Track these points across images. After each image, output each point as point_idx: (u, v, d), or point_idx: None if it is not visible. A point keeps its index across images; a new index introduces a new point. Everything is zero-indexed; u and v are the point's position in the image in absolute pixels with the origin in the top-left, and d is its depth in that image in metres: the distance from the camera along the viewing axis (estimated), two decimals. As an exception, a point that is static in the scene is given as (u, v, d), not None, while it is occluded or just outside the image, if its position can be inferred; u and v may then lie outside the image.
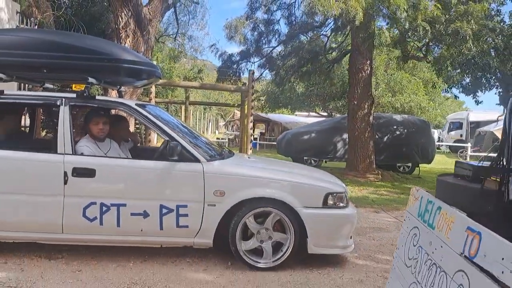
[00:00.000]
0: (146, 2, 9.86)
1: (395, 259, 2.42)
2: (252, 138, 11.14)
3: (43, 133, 6.08)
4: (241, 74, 12.11)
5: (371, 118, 10.38)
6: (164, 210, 3.33)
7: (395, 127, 11.89)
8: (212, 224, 3.38)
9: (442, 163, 14.75)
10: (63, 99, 3.48)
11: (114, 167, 3.42)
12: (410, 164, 11.61)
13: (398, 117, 12.51)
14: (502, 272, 1.39)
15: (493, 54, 9.76)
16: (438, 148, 24.04)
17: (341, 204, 3.51)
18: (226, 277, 3.26)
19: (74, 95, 3.54)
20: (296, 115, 27.19)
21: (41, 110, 4.27)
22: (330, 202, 3.46)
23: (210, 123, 36.68)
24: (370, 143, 10.30)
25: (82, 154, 3.42)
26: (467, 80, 10.60)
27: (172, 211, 3.34)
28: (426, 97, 19.42)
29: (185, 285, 3.08)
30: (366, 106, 10.21)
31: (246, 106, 10.17)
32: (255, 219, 3.44)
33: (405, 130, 11.78)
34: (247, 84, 9.89)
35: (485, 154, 10.30)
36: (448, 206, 1.92)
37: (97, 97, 3.63)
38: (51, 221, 3.30)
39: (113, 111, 4.76)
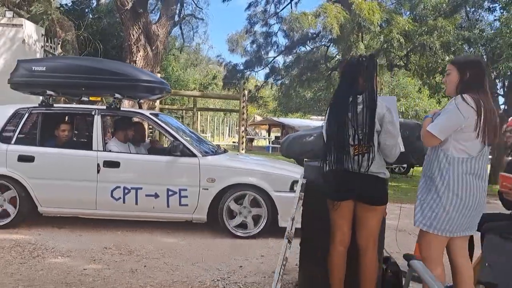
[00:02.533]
0: (155, 20, 11.11)
1: None
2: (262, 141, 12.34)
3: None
4: (245, 82, 13.29)
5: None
6: (170, 192, 4.46)
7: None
8: (206, 203, 4.49)
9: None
10: (96, 110, 4.69)
11: (133, 160, 4.60)
12: (405, 166, 12.48)
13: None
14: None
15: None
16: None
17: (305, 189, 4.57)
18: (187, 241, 4.36)
19: (104, 107, 4.74)
20: (311, 119, 28.01)
21: (81, 118, 5.49)
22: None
23: (228, 128, 37.95)
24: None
25: (110, 151, 4.60)
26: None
27: (176, 193, 4.46)
28: (432, 101, 20.03)
29: (154, 245, 4.16)
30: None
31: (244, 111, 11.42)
32: (238, 200, 4.52)
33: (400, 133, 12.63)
34: (240, 92, 11.01)
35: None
36: (301, 178, 2.91)
37: (121, 108, 4.82)
38: (88, 200, 4.48)
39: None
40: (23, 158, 4.46)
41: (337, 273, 2.59)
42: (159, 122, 4.74)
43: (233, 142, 29.16)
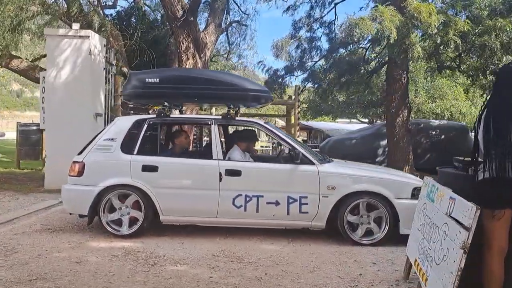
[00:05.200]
0: (203, 28, 11.17)
1: (412, 227, 3.43)
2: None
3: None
4: (286, 87, 13.36)
5: (408, 125, 11.20)
6: (291, 200, 4.47)
7: (433, 132, 12.65)
8: (326, 211, 4.48)
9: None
10: (213, 120, 4.76)
11: (254, 168, 4.65)
12: (450, 167, 12.35)
13: (436, 122, 13.29)
14: (461, 218, 2.42)
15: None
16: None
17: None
18: (287, 248, 4.38)
19: (220, 117, 4.81)
20: (337, 122, 27.91)
21: (197, 127, 5.58)
22: (416, 194, 4.44)
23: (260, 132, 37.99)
24: (408, 149, 11.03)
25: (232, 160, 4.66)
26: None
27: (296, 201, 4.47)
28: (467, 103, 19.83)
29: (259, 252, 4.19)
30: (403, 114, 10.96)
31: (292, 117, 11.44)
32: (354, 210, 4.48)
33: (444, 135, 12.55)
34: (293, 98, 11.06)
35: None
36: (441, 186, 2.90)
37: (236, 118, 4.88)
38: (209, 209, 4.52)
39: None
40: (147, 168, 4.53)
41: (496, 283, 2.61)
42: (274, 130, 4.81)
43: (261, 146, 29.10)
